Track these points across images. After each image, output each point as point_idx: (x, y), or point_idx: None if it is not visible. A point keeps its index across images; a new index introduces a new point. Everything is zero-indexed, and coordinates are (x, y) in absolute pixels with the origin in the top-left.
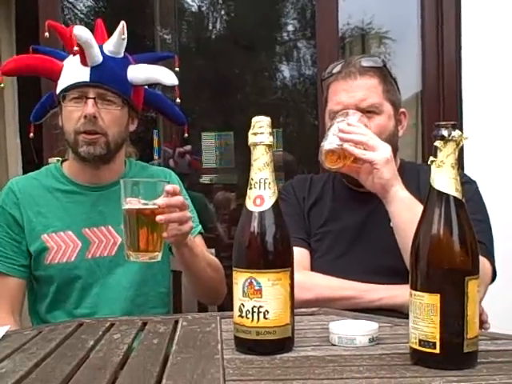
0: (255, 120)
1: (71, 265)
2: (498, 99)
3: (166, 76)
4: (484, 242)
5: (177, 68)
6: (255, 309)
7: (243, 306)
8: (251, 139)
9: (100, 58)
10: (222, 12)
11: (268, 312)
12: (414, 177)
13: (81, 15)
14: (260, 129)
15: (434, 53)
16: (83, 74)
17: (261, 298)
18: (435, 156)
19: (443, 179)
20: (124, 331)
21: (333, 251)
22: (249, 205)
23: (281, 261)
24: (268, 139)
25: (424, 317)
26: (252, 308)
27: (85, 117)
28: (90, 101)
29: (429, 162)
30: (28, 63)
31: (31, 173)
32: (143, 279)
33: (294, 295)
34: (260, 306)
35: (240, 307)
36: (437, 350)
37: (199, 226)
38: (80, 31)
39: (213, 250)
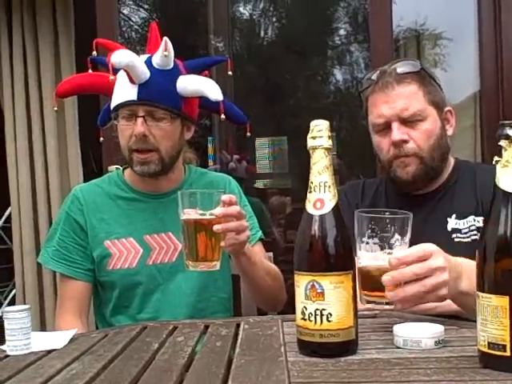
0: (314, 124)
1: (133, 271)
2: None
3: (212, 90)
4: None
5: (230, 72)
6: (318, 311)
7: (306, 309)
8: (310, 143)
9: (147, 75)
10: (274, 19)
11: (331, 315)
12: (471, 177)
13: (136, 27)
14: (319, 132)
15: (493, 51)
16: (131, 92)
17: (323, 301)
18: (500, 156)
19: (509, 179)
20: (187, 334)
21: None
22: (309, 208)
23: (342, 263)
24: (327, 142)
25: (493, 319)
26: (315, 311)
27: (135, 136)
28: (140, 119)
29: (493, 162)
30: (81, 83)
31: (94, 180)
32: (204, 285)
33: None
34: (323, 309)
35: (303, 310)
36: (507, 353)
37: (259, 232)
38: (117, 58)
39: (271, 254)
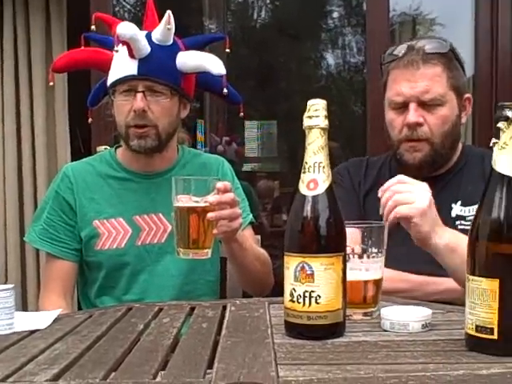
0: (310, 103)
1: (121, 251)
2: None
3: (214, 65)
4: None
5: (227, 49)
6: (307, 293)
7: (294, 291)
8: (306, 122)
9: (147, 50)
10: (268, 1)
11: (320, 297)
12: (478, 162)
13: (129, 7)
14: (315, 112)
15: (488, 37)
16: (131, 67)
17: (313, 283)
18: (498, 138)
19: (506, 161)
20: (173, 315)
21: (390, 239)
22: (302, 189)
23: (334, 245)
24: (323, 122)
25: (482, 302)
26: (304, 293)
27: (134, 111)
28: (139, 94)
29: (491, 144)
30: (78, 58)
31: (86, 158)
32: (192, 267)
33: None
34: (312, 291)
35: (291, 292)
36: (495, 336)
37: (250, 216)
38: (123, 29)
39: (258, 237)
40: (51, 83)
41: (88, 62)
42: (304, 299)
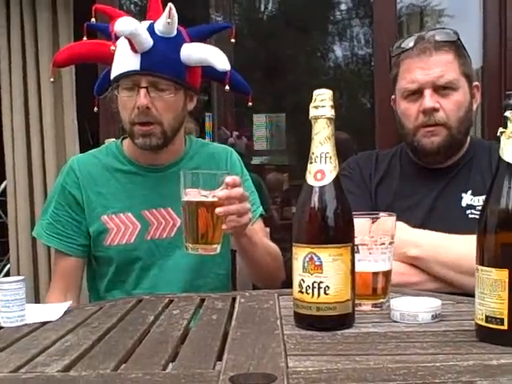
0: (317, 93)
1: (130, 246)
2: None
3: (219, 60)
4: None
5: (232, 39)
6: (316, 284)
7: (303, 282)
8: (312, 112)
9: (150, 43)
10: None
11: (328, 288)
12: (486, 154)
13: None
14: (322, 102)
15: (497, 28)
16: (134, 62)
17: (321, 274)
18: (505, 127)
19: None
20: (183, 307)
21: None
22: (309, 179)
23: (342, 236)
24: (330, 112)
25: (491, 292)
26: (312, 283)
27: (137, 108)
28: (142, 91)
29: (498, 133)
30: (79, 51)
31: (92, 150)
32: (202, 261)
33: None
34: (320, 282)
35: (300, 283)
36: (505, 327)
37: (260, 208)
38: (121, 27)
39: (268, 230)
40: (52, 79)
41: (90, 56)
42: (313, 290)
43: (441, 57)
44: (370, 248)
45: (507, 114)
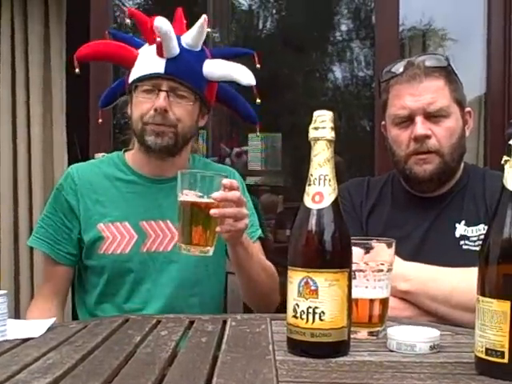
0: (317, 114)
1: (125, 257)
2: None
3: (244, 75)
4: None
5: (258, 65)
6: (310, 309)
7: (298, 307)
8: (312, 134)
9: (177, 50)
10: (274, 11)
11: (324, 313)
12: (479, 181)
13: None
14: (322, 123)
15: (501, 53)
16: (158, 66)
17: (317, 299)
18: (509, 155)
19: None
20: (171, 328)
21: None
22: (307, 201)
23: (339, 260)
24: (330, 134)
25: (492, 324)
26: (307, 308)
27: (155, 110)
28: (163, 94)
29: (502, 162)
30: (105, 50)
31: (93, 160)
32: (197, 279)
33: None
34: (316, 307)
35: (294, 307)
36: (505, 360)
37: (259, 231)
38: (161, 23)
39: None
40: (77, 70)
41: (113, 56)
42: (308, 315)
43: (431, 83)
44: (367, 274)
45: (511, 143)
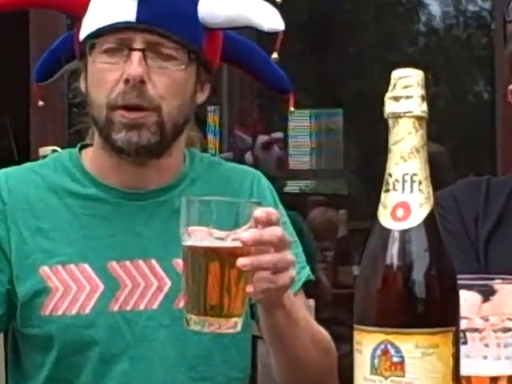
0: (398, 75)
1: (84, 320)
2: None
3: (264, 15)
4: None
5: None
6: None
7: None
8: (390, 107)
9: None
10: None
11: None
12: None
13: None
14: (406, 90)
15: None
16: (126, 11)
17: (402, 377)
18: None
19: None
20: None
21: None
22: (384, 218)
23: (439, 315)
24: (419, 108)
25: None
26: None
27: (126, 81)
28: (136, 55)
29: None
30: None
31: (30, 163)
32: (206, 354)
33: None
34: None
35: None
36: None
37: (305, 270)
38: None
39: (311, 302)
40: None
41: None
42: None
43: None
44: (487, 336)
45: None
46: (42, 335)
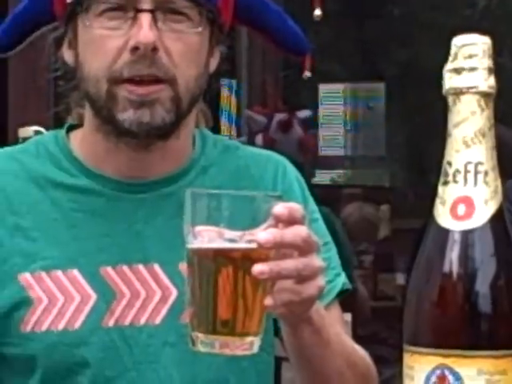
0: (461, 42)
1: (73, 337)
2: None
3: None
4: None
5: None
6: None
7: None
8: (450, 81)
9: None
10: None
11: None
12: None
13: None
14: (469, 60)
15: None
16: None
17: None
18: None
19: None
20: None
21: None
22: (442, 216)
23: (508, 335)
24: (486, 82)
25: None
26: None
27: (134, 49)
28: (146, 17)
29: None
30: None
31: (7, 148)
32: (220, 379)
33: None
34: None
35: None
36: None
37: (341, 278)
38: None
39: (348, 317)
40: None
41: None
42: None
43: None
44: None
45: None
46: (23, 356)
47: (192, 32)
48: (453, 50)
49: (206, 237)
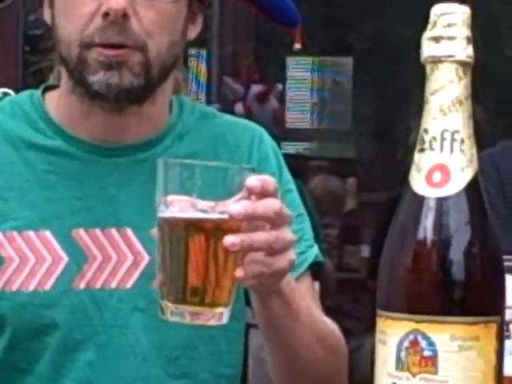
0: (440, 11)
1: (44, 298)
2: None
3: None
4: None
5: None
6: None
7: None
8: (429, 49)
9: None
10: None
11: None
12: None
13: None
14: (449, 29)
15: None
16: None
17: (435, 375)
18: None
19: None
20: None
21: None
22: (417, 183)
23: (481, 302)
24: (464, 52)
25: None
26: None
27: (105, 15)
28: None
29: None
30: None
31: None
32: (189, 346)
33: None
34: None
35: None
36: None
37: (313, 249)
38: None
39: (316, 286)
40: None
41: None
42: None
43: None
44: None
45: None
46: None
47: (167, 0)
48: (432, 18)
49: (178, 206)
